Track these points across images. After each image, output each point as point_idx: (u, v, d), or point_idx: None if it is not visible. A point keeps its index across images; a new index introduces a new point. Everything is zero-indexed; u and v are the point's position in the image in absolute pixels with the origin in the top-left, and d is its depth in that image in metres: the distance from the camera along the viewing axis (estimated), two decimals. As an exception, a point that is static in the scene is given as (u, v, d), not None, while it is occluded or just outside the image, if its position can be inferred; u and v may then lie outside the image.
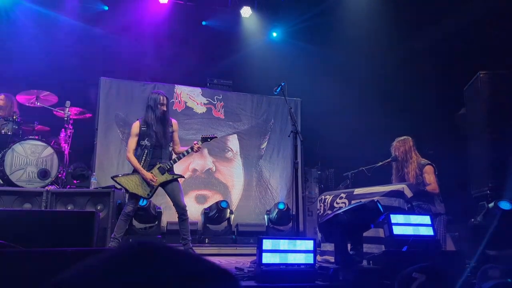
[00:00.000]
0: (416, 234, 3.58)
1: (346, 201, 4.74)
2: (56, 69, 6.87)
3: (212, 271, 0.53)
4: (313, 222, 7.21)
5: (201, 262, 0.54)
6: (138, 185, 4.45)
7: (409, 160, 4.85)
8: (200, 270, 0.52)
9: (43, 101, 6.12)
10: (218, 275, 0.53)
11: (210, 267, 0.54)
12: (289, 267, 3.23)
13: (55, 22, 7.52)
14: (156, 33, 8.01)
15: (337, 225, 3.35)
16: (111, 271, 0.50)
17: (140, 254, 0.52)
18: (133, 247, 0.54)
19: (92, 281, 0.49)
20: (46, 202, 5.03)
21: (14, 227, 3.11)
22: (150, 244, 0.55)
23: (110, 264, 0.52)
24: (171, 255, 0.53)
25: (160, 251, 0.53)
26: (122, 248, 0.54)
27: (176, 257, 0.53)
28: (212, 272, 0.53)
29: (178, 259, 0.53)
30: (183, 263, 0.52)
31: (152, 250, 0.53)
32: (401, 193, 4.30)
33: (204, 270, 0.53)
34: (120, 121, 7.08)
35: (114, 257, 0.53)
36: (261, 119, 8.02)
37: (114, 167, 6.73)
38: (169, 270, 0.50)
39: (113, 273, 0.49)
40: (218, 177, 7.57)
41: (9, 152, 5.32)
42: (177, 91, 7.59)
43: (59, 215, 3.81)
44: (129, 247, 0.54)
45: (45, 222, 3.22)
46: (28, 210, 4.72)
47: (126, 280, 0.48)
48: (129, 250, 0.54)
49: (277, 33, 9.06)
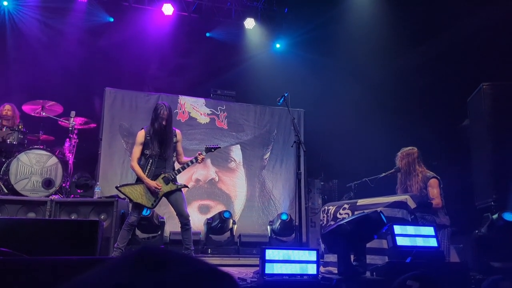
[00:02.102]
0: (419, 245, 3.57)
1: (349, 212, 4.73)
2: (61, 79, 6.94)
3: (212, 272, 0.54)
4: (316, 233, 7.19)
5: (202, 264, 0.55)
6: (142, 194, 4.46)
7: (413, 173, 4.81)
8: (200, 271, 0.53)
9: (48, 111, 6.17)
10: (217, 276, 0.54)
11: (210, 269, 0.55)
12: (292, 277, 3.22)
13: (61, 33, 7.61)
14: (161, 44, 8.10)
15: (340, 236, 3.34)
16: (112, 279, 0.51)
17: (140, 259, 0.54)
18: (133, 253, 0.55)
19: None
20: (50, 211, 5.05)
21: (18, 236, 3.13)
22: (149, 249, 0.57)
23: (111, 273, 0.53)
24: (171, 258, 0.55)
25: (159, 255, 0.55)
26: (123, 256, 0.56)
27: (177, 260, 0.54)
28: (212, 273, 0.54)
29: (179, 262, 0.54)
30: (184, 265, 0.54)
31: (151, 254, 0.55)
32: (404, 204, 4.29)
33: (204, 271, 0.54)
34: (124, 131, 7.12)
35: (115, 265, 0.54)
36: (264, 129, 8.04)
37: (118, 177, 6.75)
38: (170, 272, 0.51)
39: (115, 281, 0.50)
40: (221, 187, 7.57)
41: (14, 161, 5.35)
42: (181, 102, 7.64)
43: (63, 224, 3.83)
44: (129, 254, 0.55)
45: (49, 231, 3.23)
46: (33, 218, 4.73)
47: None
48: (130, 256, 0.55)
49: (280, 45, 9.14)
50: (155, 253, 0.55)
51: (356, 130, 7.76)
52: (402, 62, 7.54)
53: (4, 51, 7.25)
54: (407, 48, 7.53)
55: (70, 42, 7.58)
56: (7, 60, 7.15)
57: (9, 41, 7.30)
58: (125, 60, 7.73)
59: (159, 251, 0.55)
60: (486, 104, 5.50)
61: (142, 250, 0.56)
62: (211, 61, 8.56)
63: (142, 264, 0.52)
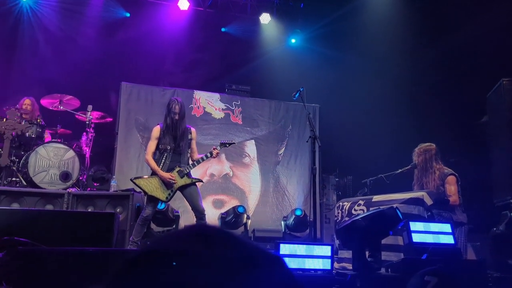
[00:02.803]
0: (436, 242, 3.53)
1: (364, 208, 4.70)
2: (79, 74, 7.03)
3: (267, 256, 0.55)
4: (331, 229, 7.16)
5: (255, 246, 0.56)
6: (157, 187, 4.49)
7: (430, 169, 4.73)
8: (255, 253, 0.54)
9: (66, 105, 6.26)
10: (272, 260, 0.55)
11: (265, 252, 0.56)
12: (306, 272, 3.21)
13: (78, 28, 7.70)
14: (176, 39, 8.13)
15: (355, 232, 3.32)
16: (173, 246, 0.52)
17: (200, 235, 0.55)
18: (189, 227, 0.57)
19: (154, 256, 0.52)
20: (67, 203, 5.12)
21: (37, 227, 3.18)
22: (209, 227, 0.58)
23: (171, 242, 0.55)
24: (229, 238, 0.56)
25: (219, 233, 0.56)
26: (184, 229, 0.57)
27: (234, 241, 0.55)
28: (268, 257, 0.55)
29: (235, 242, 0.55)
30: (239, 246, 0.54)
31: (211, 232, 0.56)
32: (421, 200, 4.25)
33: (259, 254, 0.54)
34: (140, 125, 7.18)
35: (176, 235, 0.56)
36: (278, 125, 8.02)
37: (133, 170, 6.81)
38: (227, 251, 0.52)
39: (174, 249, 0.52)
40: (235, 182, 7.59)
41: (33, 154, 5.44)
42: (196, 97, 7.66)
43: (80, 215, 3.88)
44: (190, 229, 0.57)
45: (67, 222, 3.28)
46: (51, 210, 4.81)
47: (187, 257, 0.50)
48: (190, 230, 0.56)
49: (296, 39, 9.09)
50: (208, 230, 0.56)
51: (372, 125, 7.69)
52: (420, 57, 7.43)
53: (24, 46, 7.37)
54: (425, 43, 7.42)
55: (87, 37, 7.66)
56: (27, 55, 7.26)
57: (28, 36, 7.42)
58: (141, 55, 7.79)
59: (213, 229, 0.57)
60: (506, 100, 5.38)
61: (196, 225, 0.59)
62: (226, 56, 8.57)
63: (194, 237, 0.54)
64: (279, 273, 0.53)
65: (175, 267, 0.49)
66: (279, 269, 0.54)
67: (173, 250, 0.51)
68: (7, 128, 5.31)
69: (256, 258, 0.53)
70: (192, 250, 0.51)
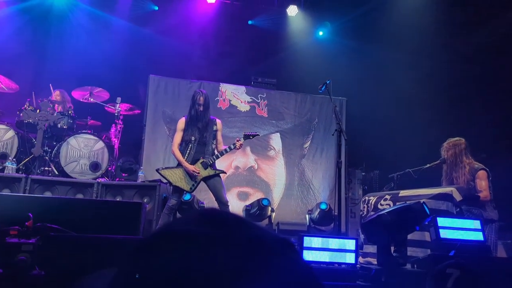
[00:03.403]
0: (464, 239, 3.44)
1: (391, 202, 4.63)
2: (108, 67, 7.17)
3: (279, 240, 0.56)
4: (356, 224, 7.10)
5: (266, 230, 0.57)
6: (181, 178, 4.57)
7: (459, 164, 4.62)
8: (266, 237, 0.55)
9: (96, 97, 6.41)
10: (283, 244, 0.55)
11: (277, 237, 0.56)
12: (329, 266, 3.20)
13: (108, 22, 7.85)
14: (203, 32, 8.17)
15: (380, 226, 3.28)
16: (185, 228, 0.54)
17: (210, 218, 0.56)
18: (204, 212, 0.58)
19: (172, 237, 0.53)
20: (96, 193, 5.26)
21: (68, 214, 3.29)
22: (219, 211, 0.59)
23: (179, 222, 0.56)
24: (240, 221, 0.57)
25: (229, 216, 0.57)
26: (195, 212, 0.59)
27: (244, 224, 0.56)
28: (279, 241, 0.55)
29: (246, 226, 0.56)
30: (249, 229, 0.55)
31: (221, 215, 0.57)
32: (449, 196, 4.15)
33: (271, 237, 0.55)
34: (167, 117, 7.29)
35: (186, 218, 0.58)
36: (304, 118, 7.98)
37: (160, 161, 6.93)
38: (236, 234, 0.53)
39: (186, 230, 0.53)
40: (260, 175, 7.61)
41: (64, 145, 5.61)
42: (222, 89, 7.71)
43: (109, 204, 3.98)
44: (201, 212, 0.58)
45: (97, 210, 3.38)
46: (81, 199, 4.96)
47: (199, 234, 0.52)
48: (201, 214, 0.58)
49: (323, 32, 8.98)
50: (218, 213, 0.57)
51: (400, 119, 7.54)
52: (453, 49, 7.22)
53: (56, 40, 7.57)
54: (459, 35, 7.19)
55: (116, 30, 7.81)
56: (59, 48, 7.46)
57: (59, 30, 7.61)
58: (169, 48, 7.88)
59: (223, 213, 0.58)
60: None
61: (206, 209, 0.60)
62: (253, 49, 8.56)
63: (204, 220, 0.55)
64: (290, 258, 0.54)
65: (185, 248, 0.50)
66: (291, 253, 0.55)
67: (183, 232, 0.52)
68: (40, 119, 5.49)
69: (268, 242, 0.54)
70: (202, 232, 0.52)
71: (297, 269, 0.54)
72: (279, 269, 0.52)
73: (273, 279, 0.50)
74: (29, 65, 7.20)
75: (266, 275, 0.50)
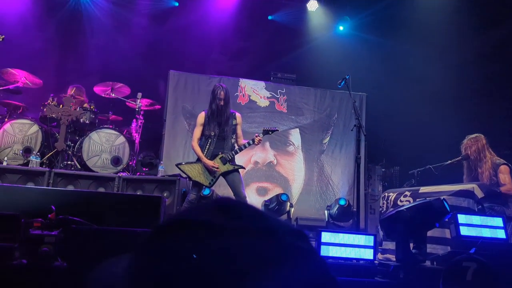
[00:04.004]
0: (486, 236, 3.38)
1: (411, 199, 4.58)
2: (129, 62, 7.27)
3: (294, 231, 0.56)
4: (375, 220, 7.04)
5: (282, 221, 0.58)
6: (200, 173, 4.61)
7: (483, 159, 4.58)
8: (281, 227, 0.55)
9: (117, 93, 6.50)
10: (299, 236, 0.56)
11: (292, 228, 0.57)
12: (348, 261, 3.19)
13: (129, 18, 7.95)
14: (223, 27, 8.19)
15: (399, 222, 3.25)
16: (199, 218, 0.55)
17: (225, 207, 0.57)
18: (220, 201, 0.59)
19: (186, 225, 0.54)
20: (118, 187, 5.36)
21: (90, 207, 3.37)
22: (234, 200, 0.60)
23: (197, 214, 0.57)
24: (255, 211, 0.57)
25: (243, 206, 0.58)
26: (210, 201, 0.60)
27: (260, 214, 0.57)
28: (294, 232, 0.56)
29: (261, 216, 0.57)
30: (264, 219, 0.56)
31: (236, 205, 0.58)
32: (471, 193, 4.08)
33: (285, 228, 0.56)
34: (186, 113, 7.35)
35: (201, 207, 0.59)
36: (324, 113, 7.93)
37: (180, 156, 7.00)
38: (251, 223, 0.54)
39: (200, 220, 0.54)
40: (279, 170, 7.61)
41: (86, 139, 5.72)
42: (242, 85, 7.73)
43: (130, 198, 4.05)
44: (216, 201, 0.59)
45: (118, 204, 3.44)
46: (103, 192, 5.05)
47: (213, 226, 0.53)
48: (216, 203, 0.59)
49: (343, 27, 8.89)
50: (234, 203, 0.58)
51: (421, 115, 7.42)
52: (477, 44, 7.05)
53: (78, 37, 7.71)
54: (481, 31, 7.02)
55: (137, 26, 7.90)
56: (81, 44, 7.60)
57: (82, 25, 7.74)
58: (189, 44, 7.93)
59: (239, 202, 0.59)
60: None
61: (223, 198, 0.60)
62: (272, 44, 8.54)
63: (220, 209, 0.56)
64: (305, 249, 0.54)
65: (199, 236, 0.51)
66: (305, 245, 0.55)
67: (198, 220, 0.54)
68: (63, 114, 5.61)
69: (282, 232, 0.54)
70: (216, 221, 0.53)
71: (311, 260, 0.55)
72: (293, 261, 0.52)
73: (287, 270, 0.51)
74: (52, 61, 7.36)
75: (279, 266, 0.51)
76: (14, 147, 5.54)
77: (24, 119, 5.74)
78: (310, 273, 0.53)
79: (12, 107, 6.03)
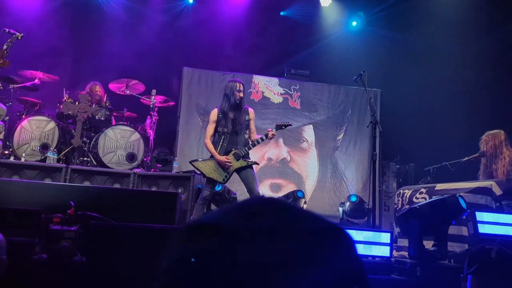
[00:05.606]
0: (504, 234, 3.34)
1: (427, 196, 4.53)
2: (143, 60, 7.31)
3: (335, 229, 0.56)
4: (390, 217, 6.99)
5: (325, 219, 0.57)
6: (214, 170, 4.61)
7: (499, 155, 4.51)
8: (327, 225, 0.55)
9: (131, 89, 6.55)
10: (338, 235, 0.55)
11: (334, 224, 0.56)
12: (364, 258, 3.18)
13: (143, 15, 7.99)
14: (236, 24, 8.18)
15: (413, 219, 3.22)
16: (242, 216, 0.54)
17: (267, 204, 0.56)
18: (240, 201, 0.58)
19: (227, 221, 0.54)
20: (133, 183, 5.40)
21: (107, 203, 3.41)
22: (275, 198, 0.60)
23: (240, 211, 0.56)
24: (298, 210, 0.57)
25: (286, 206, 0.57)
26: (250, 198, 0.60)
27: (303, 213, 0.57)
28: (335, 231, 0.55)
29: (305, 215, 0.56)
30: (310, 219, 0.55)
31: (278, 203, 0.57)
32: (489, 190, 4.02)
33: (331, 226, 0.55)
34: (200, 109, 7.38)
35: (244, 205, 0.58)
36: (338, 110, 7.89)
37: (194, 153, 7.04)
38: (301, 224, 0.54)
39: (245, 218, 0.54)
40: (293, 167, 7.60)
41: (102, 136, 5.78)
42: (255, 81, 7.72)
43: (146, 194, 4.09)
44: (258, 199, 0.59)
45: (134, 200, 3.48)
46: (119, 188, 5.10)
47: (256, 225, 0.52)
48: (258, 200, 0.58)
49: (357, 22, 8.81)
50: (277, 203, 0.58)
51: (437, 111, 7.34)
52: (494, 39, 6.93)
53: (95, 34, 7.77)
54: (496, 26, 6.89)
55: (152, 24, 7.94)
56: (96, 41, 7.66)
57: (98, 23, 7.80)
58: (202, 40, 7.94)
59: (280, 202, 0.58)
60: None
61: (259, 198, 0.60)
62: (286, 40, 8.51)
63: (244, 211, 0.55)
64: (344, 250, 0.54)
65: (256, 245, 0.50)
66: (345, 245, 0.55)
67: (247, 227, 0.52)
68: (79, 111, 5.67)
69: (330, 231, 0.54)
70: (267, 226, 0.52)
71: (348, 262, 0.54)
72: (331, 260, 0.52)
73: (324, 269, 0.50)
74: (68, 58, 7.44)
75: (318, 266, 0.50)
76: (32, 144, 5.62)
77: (41, 115, 5.81)
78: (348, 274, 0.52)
79: (29, 104, 6.12)
